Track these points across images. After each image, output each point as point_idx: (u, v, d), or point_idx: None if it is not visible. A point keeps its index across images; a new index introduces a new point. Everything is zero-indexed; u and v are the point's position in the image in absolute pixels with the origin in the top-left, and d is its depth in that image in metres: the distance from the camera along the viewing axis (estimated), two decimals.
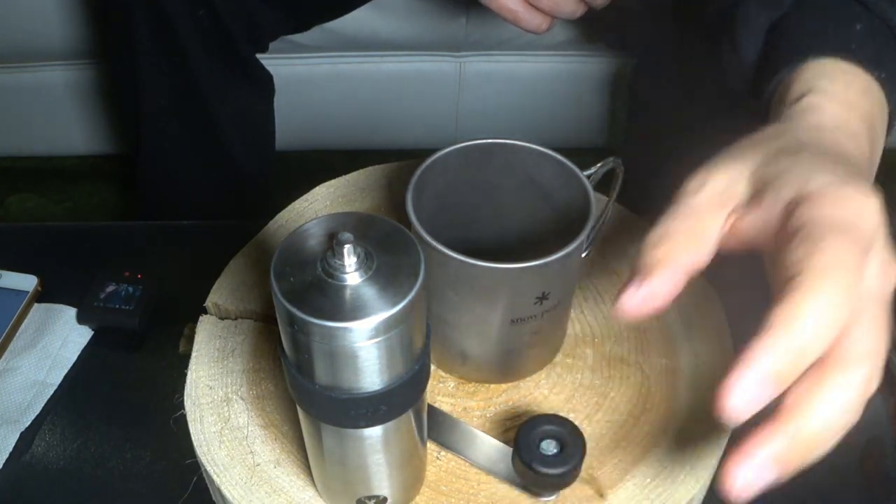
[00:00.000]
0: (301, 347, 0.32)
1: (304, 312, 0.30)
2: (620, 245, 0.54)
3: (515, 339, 0.45)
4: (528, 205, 0.47)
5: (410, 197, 0.42)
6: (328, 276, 0.30)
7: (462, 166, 0.45)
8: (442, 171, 0.44)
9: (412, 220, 0.41)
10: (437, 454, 0.44)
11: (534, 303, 0.42)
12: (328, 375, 0.32)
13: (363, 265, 0.31)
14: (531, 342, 0.45)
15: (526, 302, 0.42)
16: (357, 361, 0.31)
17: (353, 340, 0.30)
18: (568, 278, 0.44)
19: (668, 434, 0.45)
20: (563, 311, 0.46)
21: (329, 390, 0.33)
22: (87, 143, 1.18)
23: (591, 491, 0.42)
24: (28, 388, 0.55)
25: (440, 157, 0.44)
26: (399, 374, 0.33)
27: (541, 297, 0.42)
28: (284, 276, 0.31)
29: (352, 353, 0.31)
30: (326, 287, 0.30)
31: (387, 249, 0.31)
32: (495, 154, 0.45)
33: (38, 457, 0.52)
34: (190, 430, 0.45)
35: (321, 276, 0.31)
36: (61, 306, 0.60)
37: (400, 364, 0.33)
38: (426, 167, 0.44)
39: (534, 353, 0.47)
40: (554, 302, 0.43)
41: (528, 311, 0.43)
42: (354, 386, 0.32)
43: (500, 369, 0.47)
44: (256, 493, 0.42)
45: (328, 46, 1.01)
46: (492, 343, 0.45)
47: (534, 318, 0.43)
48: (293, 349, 0.32)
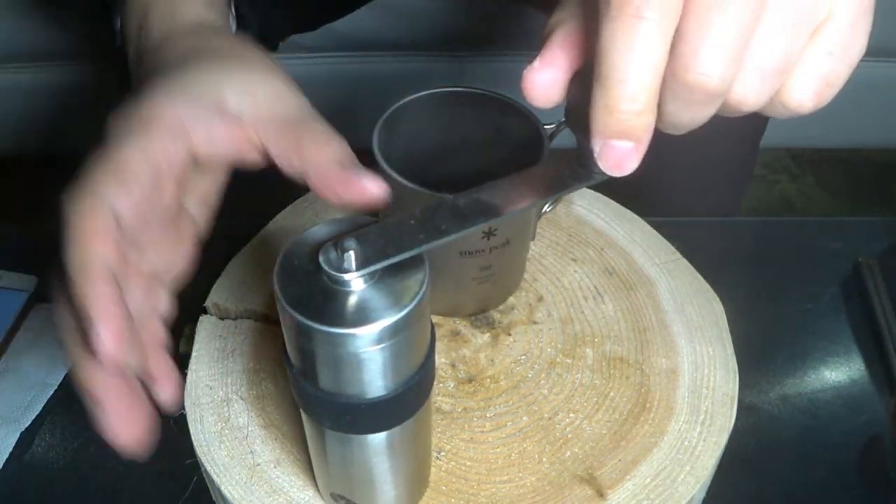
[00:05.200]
0: (305, 353, 0.32)
1: (309, 319, 0.30)
2: (619, 246, 0.54)
3: (466, 273, 0.47)
4: (494, 154, 0.49)
5: (377, 134, 0.44)
6: (332, 282, 0.30)
7: (431, 113, 0.48)
8: (412, 115, 0.47)
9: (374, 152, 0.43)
10: (437, 454, 0.44)
11: (481, 237, 0.45)
12: (332, 381, 0.32)
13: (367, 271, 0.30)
14: (482, 277, 0.48)
15: (473, 235, 0.45)
16: (362, 367, 0.31)
17: (357, 347, 0.30)
18: (515, 218, 0.46)
19: (668, 434, 0.45)
20: (514, 254, 0.49)
21: (333, 396, 0.32)
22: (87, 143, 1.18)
23: (591, 491, 0.42)
24: (28, 388, 0.55)
25: (409, 101, 0.47)
26: (404, 379, 0.33)
27: (487, 233, 0.45)
28: (288, 282, 0.30)
29: (356, 359, 0.31)
30: (330, 293, 0.30)
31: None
32: (464, 103, 0.48)
33: (38, 457, 0.52)
34: (190, 430, 0.45)
35: (325, 282, 0.30)
36: None
37: (405, 370, 0.33)
38: (395, 109, 0.46)
39: (485, 289, 0.49)
40: (502, 240, 0.46)
41: (475, 245, 0.46)
42: (359, 392, 0.32)
43: (453, 303, 0.49)
44: (256, 493, 0.42)
45: (328, 46, 1.01)
46: (444, 275, 0.47)
47: (482, 253, 0.46)
48: (297, 355, 0.32)
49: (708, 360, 0.48)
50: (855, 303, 0.59)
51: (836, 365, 0.56)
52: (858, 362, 0.56)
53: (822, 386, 0.55)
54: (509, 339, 0.49)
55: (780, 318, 0.59)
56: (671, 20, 0.27)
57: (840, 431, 0.53)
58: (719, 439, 0.44)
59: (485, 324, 0.50)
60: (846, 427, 0.53)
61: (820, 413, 0.54)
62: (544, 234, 0.55)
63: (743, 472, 0.49)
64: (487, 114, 0.48)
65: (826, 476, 0.51)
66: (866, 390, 0.55)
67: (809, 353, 0.57)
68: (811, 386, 0.55)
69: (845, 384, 0.55)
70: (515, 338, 0.50)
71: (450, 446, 0.44)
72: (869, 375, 0.56)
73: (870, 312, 0.58)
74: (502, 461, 0.44)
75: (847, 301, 0.60)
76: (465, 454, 0.44)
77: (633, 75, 0.27)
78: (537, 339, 0.50)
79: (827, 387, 0.55)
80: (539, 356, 0.49)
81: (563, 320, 0.50)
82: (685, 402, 0.46)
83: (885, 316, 0.57)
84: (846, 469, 0.51)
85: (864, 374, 0.56)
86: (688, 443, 0.44)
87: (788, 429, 0.53)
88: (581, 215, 0.56)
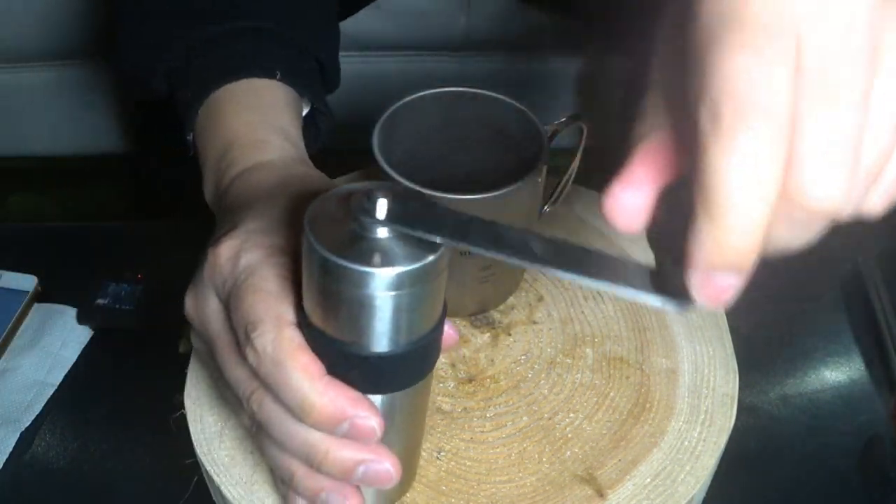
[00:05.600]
0: (325, 296, 0.32)
1: (336, 256, 0.30)
2: (619, 246, 0.54)
3: (467, 273, 0.47)
4: (494, 154, 0.49)
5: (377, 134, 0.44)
6: (360, 228, 0.31)
7: (432, 113, 0.48)
8: (412, 115, 0.47)
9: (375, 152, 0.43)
10: (437, 454, 0.44)
11: None
12: (347, 328, 0.33)
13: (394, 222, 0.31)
14: (482, 277, 0.48)
15: None
16: (378, 313, 0.32)
17: (378, 288, 0.31)
18: (516, 218, 0.46)
19: (668, 434, 0.45)
20: None
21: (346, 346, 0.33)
22: (87, 143, 1.18)
23: (591, 491, 0.42)
24: (28, 388, 0.55)
25: (409, 101, 0.46)
26: (410, 340, 0.33)
27: None
28: (317, 225, 0.31)
29: (370, 302, 0.31)
30: (356, 238, 0.31)
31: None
32: (464, 102, 0.48)
33: (38, 457, 0.52)
34: (190, 430, 0.45)
35: (353, 227, 0.31)
36: (61, 306, 0.60)
37: (416, 328, 0.33)
38: (395, 109, 0.46)
39: (485, 289, 0.49)
40: None
41: None
42: (371, 343, 0.33)
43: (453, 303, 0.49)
44: (256, 493, 0.42)
45: None
46: None
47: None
48: (317, 299, 0.33)
49: (708, 360, 0.48)
50: (855, 303, 0.59)
51: (836, 365, 0.56)
52: (858, 362, 0.56)
53: (822, 386, 0.55)
54: (509, 339, 0.50)
55: (780, 318, 0.59)
56: (787, 131, 0.23)
57: (840, 431, 0.53)
58: (719, 439, 0.44)
59: (485, 324, 0.50)
60: (846, 427, 0.53)
61: (820, 413, 0.54)
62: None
63: (743, 472, 0.49)
64: (487, 114, 0.48)
65: (826, 476, 0.51)
66: (866, 390, 0.55)
67: (809, 353, 0.57)
68: (811, 386, 0.55)
69: (845, 384, 0.55)
70: (515, 338, 0.50)
71: (450, 446, 0.44)
72: (869, 375, 0.56)
73: (870, 312, 0.58)
74: (502, 461, 0.44)
75: (847, 301, 0.60)
76: (465, 454, 0.44)
77: (748, 205, 0.23)
78: (537, 339, 0.50)
79: (827, 387, 0.55)
80: (539, 356, 0.49)
81: (563, 320, 0.50)
82: (685, 402, 0.46)
83: (885, 316, 0.57)
84: (846, 469, 0.51)
85: (864, 374, 0.56)
86: (688, 443, 0.44)
87: (788, 429, 0.53)
88: (581, 215, 0.56)
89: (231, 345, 0.35)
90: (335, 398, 0.33)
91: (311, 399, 0.32)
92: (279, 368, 0.33)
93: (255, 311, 0.34)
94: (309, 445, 0.34)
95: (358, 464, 0.34)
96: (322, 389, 0.33)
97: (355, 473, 0.34)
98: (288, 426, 0.34)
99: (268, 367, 0.33)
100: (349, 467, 0.34)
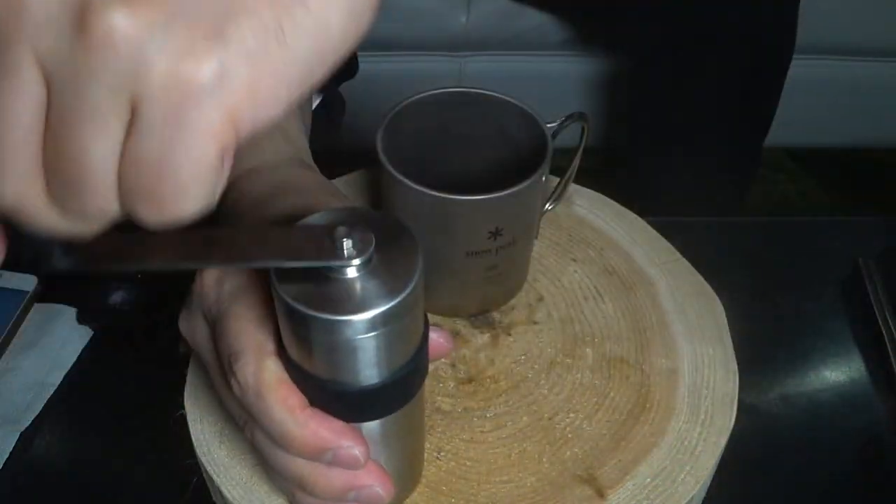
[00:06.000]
0: (300, 341, 0.32)
1: (304, 306, 0.30)
2: (619, 246, 0.54)
3: (472, 273, 0.47)
4: (496, 153, 0.49)
5: (381, 134, 0.44)
6: (326, 271, 0.31)
7: (435, 113, 0.48)
8: (416, 116, 0.47)
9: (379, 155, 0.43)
10: (437, 454, 0.44)
11: (487, 237, 0.45)
12: (326, 368, 0.32)
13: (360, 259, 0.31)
14: (488, 277, 0.47)
15: (480, 236, 0.45)
16: (355, 354, 0.31)
17: (352, 334, 0.30)
18: (521, 218, 0.46)
19: (668, 434, 0.45)
20: (519, 253, 0.49)
21: (327, 383, 0.33)
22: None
23: (591, 491, 0.42)
24: (28, 388, 0.55)
25: (413, 101, 0.47)
26: (396, 368, 0.33)
27: (494, 233, 0.45)
28: (284, 271, 0.31)
29: (350, 346, 0.31)
30: (325, 281, 0.30)
31: (384, 243, 0.31)
32: (467, 103, 0.48)
33: (38, 457, 0.52)
34: (190, 430, 0.45)
35: (319, 270, 0.31)
36: (61, 306, 0.60)
37: (397, 358, 0.33)
38: (399, 110, 0.46)
39: (489, 289, 0.49)
40: (508, 239, 0.46)
41: (482, 245, 0.45)
42: (352, 379, 0.33)
43: (456, 303, 0.50)
44: (256, 493, 0.42)
45: None
46: (450, 275, 0.47)
47: (489, 254, 0.46)
48: (292, 342, 0.33)
49: (708, 361, 0.48)
50: (855, 303, 0.59)
51: (836, 365, 0.56)
52: (858, 362, 0.56)
53: (822, 386, 0.55)
54: (509, 339, 0.50)
55: (780, 318, 0.59)
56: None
57: (840, 431, 0.53)
58: (719, 439, 0.44)
59: (485, 324, 0.50)
60: (846, 427, 0.53)
61: (820, 413, 0.54)
62: (544, 234, 0.55)
63: (743, 472, 0.49)
64: (490, 114, 0.48)
65: (826, 476, 0.51)
66: (866, 390, 0.55)
67: (809, 353, 0.57)
68: (811, 386, 0.55)
69: (845, 384, 0.55)
70: (515, 338, 0.50)
71: (450, 446, 0.44)
72: (869, 375, 0.56)
73: (870, 312, 0.58)
74: (502, 461, 0.44)
75: (847, 301, 0.60)
76: (465, 454, 0.44)
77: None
78: (537, 339, 0.50)
79: (827, 387, 0.55)
80: (539, 356, 0.49)
81: (563, 320, 0.50)
82: (685, 402, 0.46)
83: (885, 316, 0.57)
84: (846, 469, 0.51)
85: (864, 374, 0.56)
86: (688, 443, 0.44)
87: (788, 429, 0.53)
88: (581, 215, 0.56)
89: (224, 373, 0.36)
90: (316, 430, 0.33)
91: (292, 432, 0.33)
92: (260, 400, 0.33)
93: (238, 341, 0.34)
94: (299, 474, 0.35)
95: (348, 490, 0.35)
96: (303, 422, 0.33)
97: (347, 497, 0.35)
98: (278, 455, 0.35)
99: (250, 398, 0.33)
100: (339, 493, 0.35)
